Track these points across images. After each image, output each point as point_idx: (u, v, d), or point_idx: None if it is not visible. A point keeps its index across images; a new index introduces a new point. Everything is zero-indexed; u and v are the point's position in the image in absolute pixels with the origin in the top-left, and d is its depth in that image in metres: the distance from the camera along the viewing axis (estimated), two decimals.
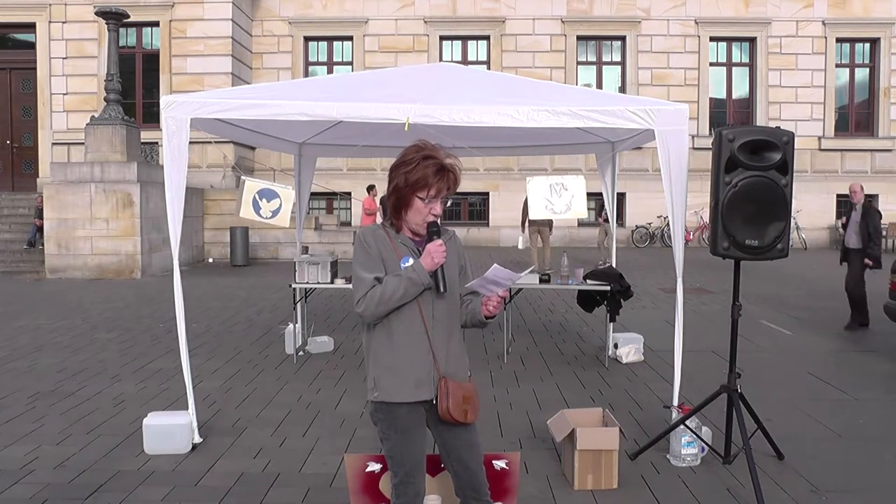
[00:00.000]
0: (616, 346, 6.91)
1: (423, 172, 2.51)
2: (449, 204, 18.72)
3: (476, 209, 20.11)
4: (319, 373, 6.46)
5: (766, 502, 3.64)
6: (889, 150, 19.65)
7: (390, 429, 2.62)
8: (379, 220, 15.20)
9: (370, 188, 15.73)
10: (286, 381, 6.16)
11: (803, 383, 6.13)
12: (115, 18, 13.79)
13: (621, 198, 18.79)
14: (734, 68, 20.10)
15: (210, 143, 13.42)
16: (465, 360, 2.73)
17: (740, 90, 20.21)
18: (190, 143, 4.61)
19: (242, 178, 5.53)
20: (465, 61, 19.28)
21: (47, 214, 13.48)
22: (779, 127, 4.06)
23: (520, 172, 18.67)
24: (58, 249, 13.40)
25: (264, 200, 5.40)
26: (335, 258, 7.07)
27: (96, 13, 14.15)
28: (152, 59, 18.27)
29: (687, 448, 4.25)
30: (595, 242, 17.32)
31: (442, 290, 2.55)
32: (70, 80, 18.24)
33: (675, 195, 4.67)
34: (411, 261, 2.55)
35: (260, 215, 5.38)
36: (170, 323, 8.39)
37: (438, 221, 2.62)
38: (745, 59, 20.09)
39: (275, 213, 5.42)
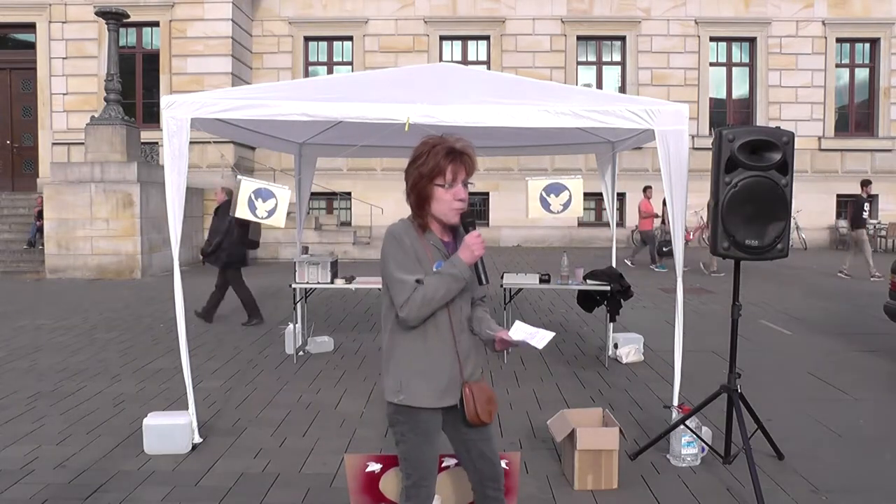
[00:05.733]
0: (616, 346, 6.91)
1: (435, 160, 2.47)
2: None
3: (476, 209, 20.11)
4: (319, 373, 6.46)
5: (766, 502, 3.64)
6: (889, 150, 19.64)
7: (411, 432, 2.60)
8: (657, 223, 14.77)
9: (646, 189, 14.58)
10: (286, 381, 6.16)
11: (803, 383, 6.13)
12: (115, 18, 13.79)
13: (621, 198, 18.78)
14: (734, 68, 20.09)
15: (210, 143, 13.42)
16: (480, 359, 2.74)
17: (740, 90, 20.20)
18: (190, 143, 4.61)
19: (238, 177, 5.50)
20: (465, 61, 19.28)
21: (47, 214, 13.48)
22: (779, 127, 4.06)
23: (520, 172, 18.66)
24: (58, 249, 13.40)
25: (260, 200, 5.37)
26: (335, 258, 7.07)
27: (96, 13, 14.15)
28: (152, 59, 18.26)
29: (687, 448, 4.25)
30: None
31: (484, 281, 2.55)
32: (70, 80, 18.24)
33: (675, 195, 4.67)
34: (442, 266, 2.50)
35: (255, 215, 5.35)
36: (170, 323, 8.39)
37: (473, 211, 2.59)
38: (745, 59, 20.08)
39: (270, 212, 5.38)
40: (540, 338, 2.56)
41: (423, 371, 2.55)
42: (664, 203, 14.05)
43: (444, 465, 4.07)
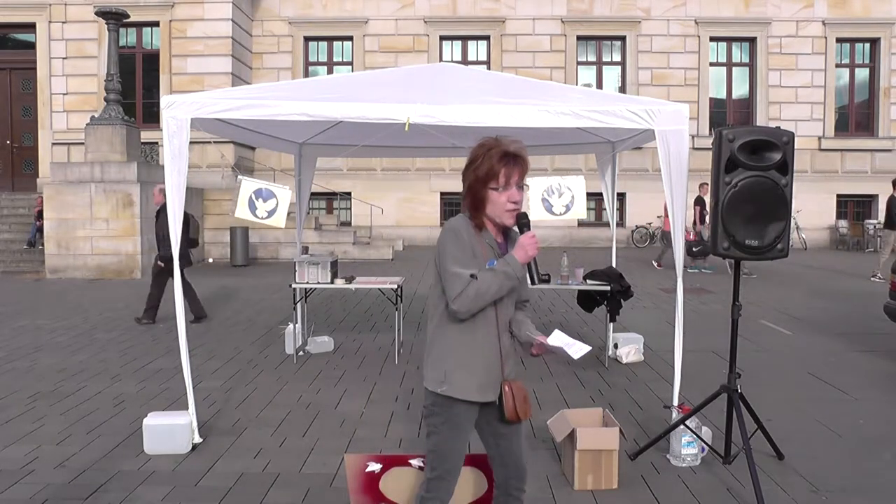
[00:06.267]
0: (616, 346, 6.91)
1: (489, 163, 2.54)
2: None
3: None
4: (319, 373, 6.46)
5: (766, 502, 3.64)
6: (889, 150, 19.65)
7: (445, 424, 2.64)
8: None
9: None
10: (286, 381, 6.16)
11: (803, 383, 6.13)
12: (115, 18, 13.79)
13: (621, 198, 18.79)
14: (734, 68, 20.10)
15: (210, 143, 13.42)
16: (516, 360, 2.81)
17: (740, 90, 20.21)
18: (190, 143, 4.61)
19: (238, 177, 5.51)
20: (465, 61, 19.28)
21: (47, 214, 13.48)
22: (779, 127, 4.06)
23: None
24: (58, 249, 13.40)
25: (260, 200, 5.38)
26: (335, 258, 7.07)
27: (96, 13, 14.15)
28: (152, 59, 18.27)
29: (687, 448, 4.25)
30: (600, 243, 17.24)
31: (537, 281, 2.64)
32: (70, 80, 18.25)
33: (675, 195, 4.67)
34: (496, 264, 2.57)
35: (256, 215, 5.35)
36: (170, 323, 8.39)
37: (528, 214, 2.66)
38: (745, 59, 20.10)
39: (271, 213, 5.39)
40: (577, 348, 2.64)
41: (469, 364, 2.61)
42: (696, 202, 13.92)
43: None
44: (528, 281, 2.66)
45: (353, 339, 7.84)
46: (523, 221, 2.62)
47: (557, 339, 2.66)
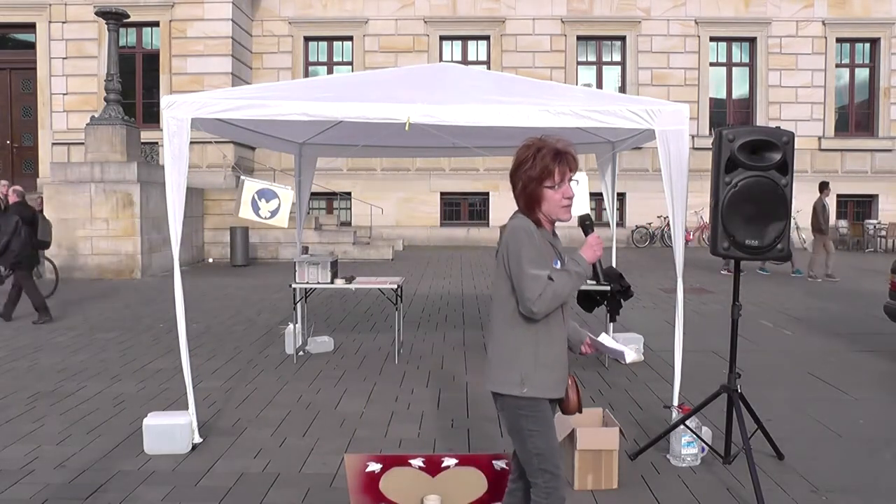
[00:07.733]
0: None
1: (543, 163, 2.58)
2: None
3: (476, 209, 20.12)
4: (319, 373, 6.46)
5: (766, 502, 3.64)
6: (889, 150, 19.65)
7: (538, 424, 2.64)
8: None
9: None
10: (286, 381, 6.16)
11: (803, 383, 6.13)
12: (115, 18, 13.79)
13: (621, 198, 18.79)
14: (734, 68, 20.11)
15: (210, 143, 13.42)
16: None
17: (740, 90, 20.21)
18: (190, 143, 4.61)
19: (241, 178, 5.53)
20: (465, 61, 19.29)
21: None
22: (779, 127, 4.06)
23: None
24: (58, 249, 13.38)
25: (263, 200, 5.40)
26: (335, 258, 7.07)
27: (96, 13, 14.15)
28: (152, 59, 18.28)
29: (687, 448, 4.25)
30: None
31: (601, 280, 2.77)
32: (70, 80, 18.25)
33: (675, 195, 4.67)
34: (559, 264, 2.62)
35: (259, 215, 5.38)
36: (170, 323, 8.39)
37: (591, 216, 2.78)
38: (745, 59, 20.10)
39: (273, 213, 5.42)
40: (629, 354, 2.82)
41: (549, 362, 2.64)
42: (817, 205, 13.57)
43: (444, 464, 4.08)
44: (594, 280, 2.74)
45: (353, 339, 7.84)
46: (587, 223, 2.70)
47: (607, 340, 2.82)
